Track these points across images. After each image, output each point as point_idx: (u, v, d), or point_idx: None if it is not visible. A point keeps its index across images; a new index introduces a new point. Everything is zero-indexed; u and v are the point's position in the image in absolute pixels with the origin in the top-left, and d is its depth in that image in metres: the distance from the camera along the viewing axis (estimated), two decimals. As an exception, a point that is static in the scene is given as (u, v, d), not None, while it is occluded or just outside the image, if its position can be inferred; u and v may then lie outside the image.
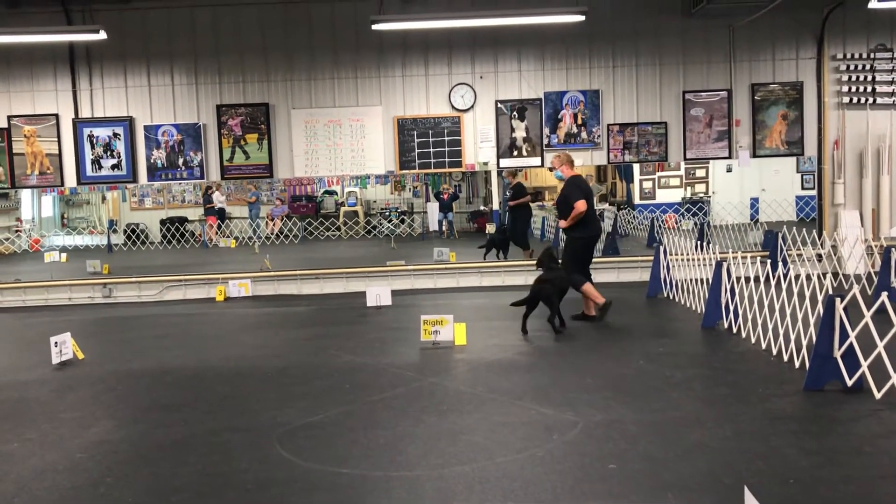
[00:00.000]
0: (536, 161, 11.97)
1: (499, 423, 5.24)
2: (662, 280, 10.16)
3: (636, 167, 20.39)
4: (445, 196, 22.19)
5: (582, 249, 8.84)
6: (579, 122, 11.79)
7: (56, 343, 7.35)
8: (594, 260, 9.27)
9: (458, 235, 21.43)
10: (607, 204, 21.07)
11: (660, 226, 16.30)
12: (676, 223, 17.53)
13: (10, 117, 11.68)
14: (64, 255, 18.28)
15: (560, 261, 8.75)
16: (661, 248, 10.25)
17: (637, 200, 21.17)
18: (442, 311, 8.29)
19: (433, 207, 22.95)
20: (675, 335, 8.15)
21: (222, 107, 11.77)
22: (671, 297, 9.94)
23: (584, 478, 4.26)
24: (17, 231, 23.07)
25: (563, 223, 8.87)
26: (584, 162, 12.16)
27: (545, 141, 11.81)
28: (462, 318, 8.10)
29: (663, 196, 21.20)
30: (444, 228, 21.73)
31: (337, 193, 24.90)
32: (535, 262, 8.86)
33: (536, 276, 8.41)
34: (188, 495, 4.20)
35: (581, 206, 8.53)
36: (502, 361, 7.02)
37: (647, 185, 21.53)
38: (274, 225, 22.63)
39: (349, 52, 11.76)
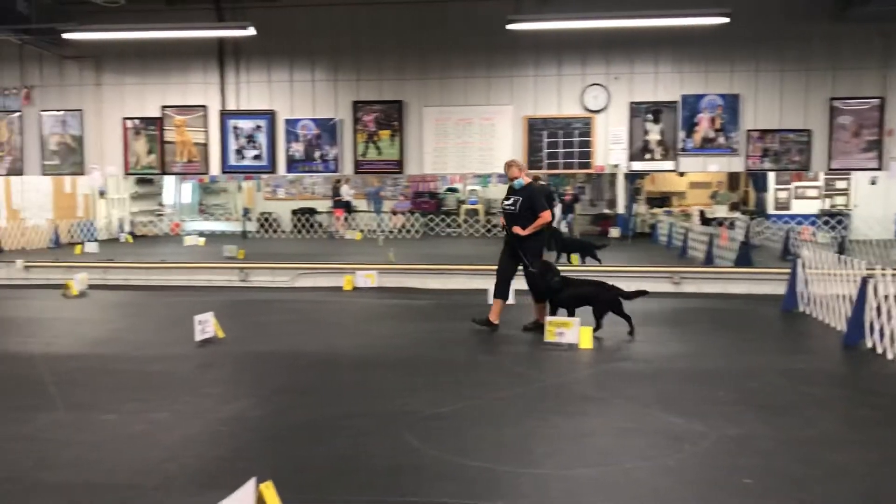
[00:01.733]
0: (669, 165, 11.68)
1: (626, 429, 5.17)
2: (799, 295, 9.72)
3: (771, 176, 19.61)
4: (567, 198, 22.02)
5: (532, 255, 8.45)
6: (717, 126, 11.43)
7: (199, 322, 7.79)
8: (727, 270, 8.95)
9: (579, 237, 21.22)
10: (738, 213, 20.34)
11: (795, 238, 15.59)
12: (813, 236, 16.71)
13: (163, 107, 12.44)
14: (202, 240, 19.33)
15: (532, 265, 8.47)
16: (800, 262, 9.80)
17: (771, 210, 20.33)
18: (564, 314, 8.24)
19: (555, 209, 22.83)
20: (813, 352, 7.79)
21: (358, 103, 12.12)
22: (809, 312, 9.49)
23: (717, 491, 4.14)
24: (159, 215, 24.55)
25: (519, 230, 8.39)
26: (720, 168, 11.79)
27: (680, 145, 11.51)
28: (585, 321, 8.02)
29: (799, 207, 20.27)
30: (564, 229, 21.57)
31: (459, 191, 25.15)
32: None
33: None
34: (322, 475, 4.37)
35: (548, 216, 8.44)
36: (628, 367, 6.91)
37: (783, 195, 20.64)
38: (397, 220, 23.12)
39: (482, 51, 11.85)
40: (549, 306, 8.45)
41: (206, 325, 7.88)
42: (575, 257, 13.94)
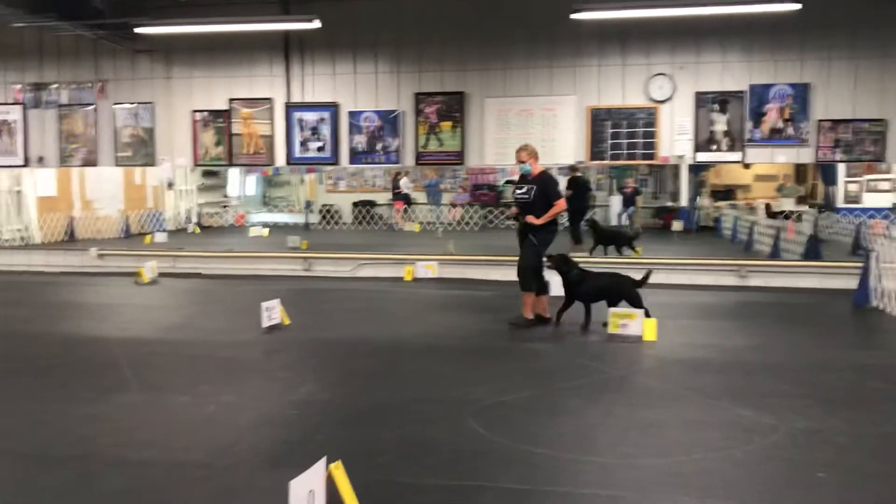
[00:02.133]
0: (736, 156, 11.44)
1: (693, 421, 5.11)
2: (872, 289, 9.43)
3: (841, 169, 19.03)
4: (628, 190, 21.75)
5: (544, 247, 8.24)
6: (786, 116, 11.15)
7: (266, 309, 7.96)
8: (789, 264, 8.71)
9: (641, 230, 20.95)
10: (806, 206, 19.81)
11: (867, 232, 15.11)
12: (886, 230, 16.16)
13: (230, 100, 12.71)
14: (266, 231, 19.71)
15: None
16: (873, 256, 9.51)
17: (840, 204, 19.74)
18: (628, 306, 8.16)
19: (615, 201, 22.58)
20: (886, 348, 7.57)
21: (420, 95, 12.18)
22: (882, 307, 9.21)
23: (789, 484, 4.07)
24: (224, 206, 25.10)
25: (533, 219, 8.12)
26: (789, 159, 11.51)
27: (747, 136, 11.27)
28: (649, 314, 7.92)
29: (871, 200, 19.63)
30: (624, 223, 21.31)
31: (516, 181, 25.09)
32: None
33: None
34: (390, 458, 4.43)
35: (563, 204, 8.23)
36: (694, 360, 6.82)
37: (853, 187, 20.01)
38: (455, 212, 23.18)
39: (544, 41, 11.78)
40: (566, 299, 8.25)
41: (273, 312, 8.05)
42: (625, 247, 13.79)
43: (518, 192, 8.41)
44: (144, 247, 15.33)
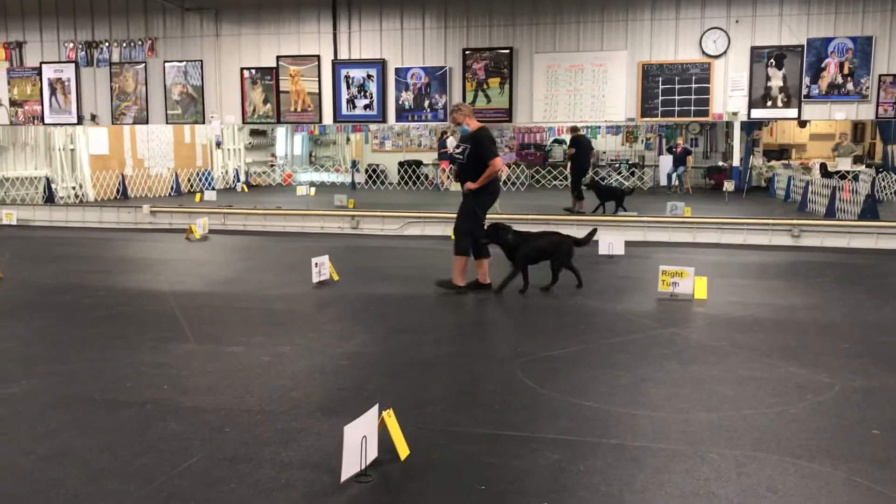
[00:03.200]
0: (792, 113, 11.14)
1: (745, 377, 5.06)
2: (932, 249, 9.18)
3: (902, 126, 18.41)
4: (678, 150, 21.37)
5: (483, 211, 7.75)
6: (845, 71, 10.81)
7: (316, 264, 8.05)
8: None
9: (691, 191, 20.62)
10: (863, 165, 19.26)
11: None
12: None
13: (278, 57, 12.75)
14: (313, 190, 19.86)
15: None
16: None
17: (900, 163, 19.13)
18: (678, 265, 8.06)
19: (665, 161, 22.20)
20: (947, 308, 7.37)
21: (468, 51, 12.06)
22: (941, 267, 8.97)
23: (843, 439, 4.02)
24: (271, 166, 25.32)
25: (471, 185, 7.59)
26: (847, 116, 11.17)
27: (804, 91, 10.96)
28: (700, 272, 7.82)
29: (932, 160, 18.97)
30: (674, 183, 20.99)
31: (566, 143, 24.78)
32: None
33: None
34: (440, 407, 4.48)
35: (499, 163, 7.58)
36: (745, 318, 6.73)
37: (914, 146, 19.35)
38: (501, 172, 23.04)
39: (596, -5, 11.57)
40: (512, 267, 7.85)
41: (323, 268, 8.14)
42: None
43: (455, 150, 7.93)
44: (195, 204, 15.58)
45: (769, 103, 11.11)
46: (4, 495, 3.37)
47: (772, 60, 11.04)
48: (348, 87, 12.52)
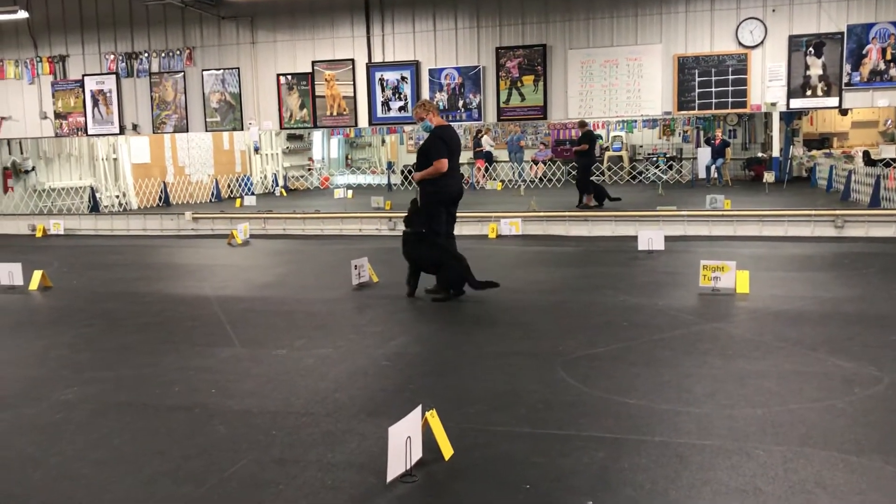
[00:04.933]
0: (833, 102, 10.95)
1: (790, 372, 5.00)
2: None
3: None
4: (717, 142, 21.10)
5: (432, 207, 7.69)
6: (888, 57, 10.58)
7: (356, 266, 8.13)
8: None
9: (730, 183, 20.36)
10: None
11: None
12: None
13: (313, 63, 12.87)
14: (350, 192, 20.02)
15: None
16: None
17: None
18: (719, 259, 7.98)
19: (703, 153, 21.93)
20: None
21: (501, 49, 12.06)
22: None
23: (893, 434, 3.96)
24: (309, 170, 25.57)
25: (416, 174, 7.85)
26: (891, 102, 10.94)
27: (845, 79, 10.75)
28: (742, 266, 7.74)
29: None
30: (713, 175, 20.73)
31: (602, 138, 24.60)
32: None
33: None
34: (483, 407, 4.51)
35: (441, 166, 7.47)
36: (790, 311, 6.64)
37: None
38: (538, 169, 22.97)
39: (629, -12, 11.48)
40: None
41: (362, 270, 8.22)
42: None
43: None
44: (236, 210, 15.81)
45: (809, 92, 10.93)
46: (62, 499, 3.48)
47: (811, 49, 10.85)
48: (383, 90, 12.60)
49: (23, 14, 13.21)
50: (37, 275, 8.68)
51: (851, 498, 3.29)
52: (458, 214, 8.22)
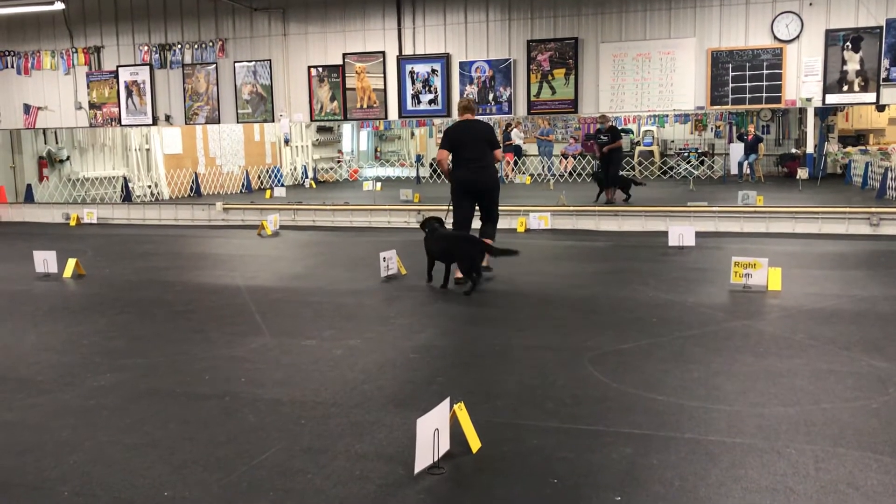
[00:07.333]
0: (870, 97, 10.76)
1: (823, 370, 4.93)
2: None
3: None
4: (750, 137, 20.83)
5: (452, 196, 8.39)
6: (928, 52, 10.37)
7: (384, 258, 8.15)
8: None
9: (763, 179, 20.12)
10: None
11: None
12: None
13: (344, 55, 12.91)
14: (379, 185, 20.06)
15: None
16: None
17: None
18: (751, 256, 7.89)
19: (736, 149, 21.69)
20: None
21: (532, 42, 12.00)
22: None
23: (929, 436, 3.89)
24: (338, 162, 25.66)
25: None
26: (930, 98, 10.74)
27: (883, 74, 10.56)
28: (774, 263, 7.64)
29: None
30: (745, 171, 20.49)
31: (633, 132, 24.41)
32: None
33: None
34: (511, 400, 4.50)
35: (438, 156, 8.26)
36: (823, 310, 6.55)
37: None
38: (567, 163, 22.84)
39: (663, -19, 11.36)
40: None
41: (391, 262, 8.24)
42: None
43: None
44: (266, 201, 15.93)
45: (845, 88, 10.75)
46: (96, 483, 3.54)
47: (848, 43, 10.67)
48: (413, 83, 12.60)
49: (59, 6, 13.38)
50: (71, 263, 8.82)
51: (885, 500, 3.24)
52: (487, 208, 8.34)
